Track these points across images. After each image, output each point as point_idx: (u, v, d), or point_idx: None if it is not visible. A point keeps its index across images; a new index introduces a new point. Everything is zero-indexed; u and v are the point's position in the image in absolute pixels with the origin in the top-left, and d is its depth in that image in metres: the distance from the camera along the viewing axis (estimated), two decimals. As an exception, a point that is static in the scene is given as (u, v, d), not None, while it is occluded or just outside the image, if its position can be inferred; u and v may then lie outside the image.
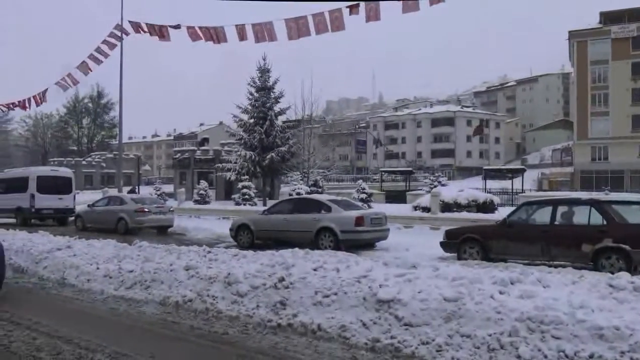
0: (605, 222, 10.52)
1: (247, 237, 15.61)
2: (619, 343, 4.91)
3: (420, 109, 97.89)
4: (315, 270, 7.63)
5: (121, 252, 10.71)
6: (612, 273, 7.86)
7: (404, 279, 6.71)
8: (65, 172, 26.36)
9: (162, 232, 19.80)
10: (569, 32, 60.73)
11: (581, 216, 11.04)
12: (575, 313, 5.34)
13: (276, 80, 35.28)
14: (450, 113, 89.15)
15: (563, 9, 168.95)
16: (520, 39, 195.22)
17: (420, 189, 32.50)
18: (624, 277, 6.29)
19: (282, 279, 7.32)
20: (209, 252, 10.10)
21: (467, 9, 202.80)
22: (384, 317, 6.13)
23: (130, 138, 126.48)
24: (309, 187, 28.75)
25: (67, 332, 6.36)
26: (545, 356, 5.01)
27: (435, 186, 29.29)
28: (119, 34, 18.18)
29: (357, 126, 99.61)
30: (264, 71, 35.19)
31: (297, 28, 9.15)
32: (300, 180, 30.84)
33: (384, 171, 51.88)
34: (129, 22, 15.76)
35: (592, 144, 59.19)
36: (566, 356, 4.94)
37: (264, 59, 34.99)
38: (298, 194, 24.63)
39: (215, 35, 10.62)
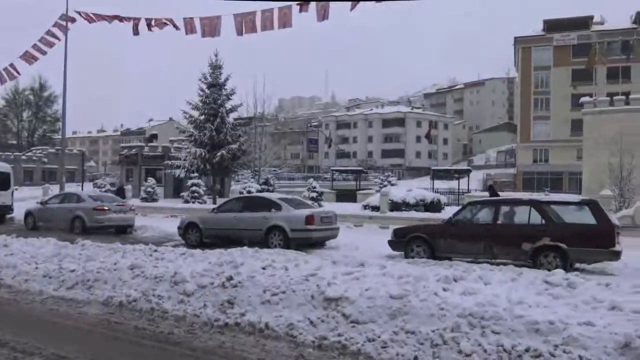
0: (543, 222, 11.00)
1: (196, 235, 15.37)
2: (553, 337, 5.15)
3: (371, 109, 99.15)
4: (264, 268, 7.62)
5: (62, 251, 10.34)
6: (550, 270, 8.25)
7: (352, 277, 6.80)
8: (3, 167, 25.11)
9: (121, 231, 18.77)
10: (515, 38, 62.99)
11: (522, 216, 11.50)
12: (513, 309, 5.56)
13: (228, 77, 34.86)
14: (400, 114, 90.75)
15: (511, 15, 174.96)
16: (470, 44, 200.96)
17: (371, 188, 32.92)
18: (559, 274, 6.60)
19: (230, 278, 7.27)
20: (156, 250, 9.90)
21: (419, 12, 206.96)
22: (331, 315, 6.19)
23: (74, 133, 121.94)
24: (260, 185, 28.60)
25: (2, 335, 6.08)
26: (485, 350, 5.20)
27: (385, 185, 29.75)
28: (64, 23, 17.53)
29: (309, 125, 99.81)
30: (215, 67, 34.67)
31: (245, 23, 9.09)
32: (251, 178, 30.64)
33: (335, 170, 52.13)
34: (75, 11, 15.25)
35: (534, 146, 61.70)
36: (504, 350, 5.14)
37: (216, 55, 34.49)
38: (249, 192, 24.47)
39: (164, 24, 10.38)
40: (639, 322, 5.13)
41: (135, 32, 11.45)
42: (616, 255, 10.51)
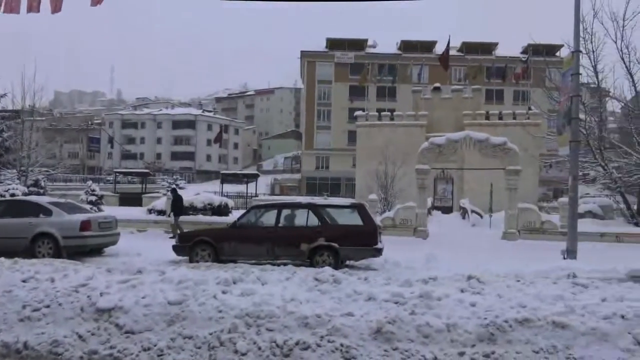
0: (320, 224, 11.96)
1: (-64, 247, 12.93)
2: (320, 329, 5.65)
3: (161, 110, 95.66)
4: (24, 281, 6.79)
5: None
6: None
7: (128, 285, 6.48)
8: None
9: None
10: (301, 52, 67.17)
11: (301, 218, 12.32)
12: (286, 306, 5.94)
13: (-12, 62, 30.18)
14: (191, 116, 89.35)
15: (300, 29, 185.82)
16: (263, 52, 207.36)
17: (158, 192, 31.72)
18: (326, 271, 7.25)
19: (-21, 295, 6.31)
20: None
21: (218, 17, 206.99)
22: (103, 327, 5.82)
23: None
24: (28, 187, 25.33)
25: None
26: (260, 348, 5.44)
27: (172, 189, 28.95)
28: None
29: (90, 122, 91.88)
30: (-29, 49, 29.69)
31: (5, 3, 7.99)
32: (17, 179, 26.90)
33: (118, 172, 48.81)
34: None
35: (317, 154, 66.70)
36: (277, 345, 5.46)
37: (-27, 35, 29.58)
38: (12, 195, 21.46)
39: None
40: (389, 310, 5.93)
41: None
42: (378, 252, 11.95)
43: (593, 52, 20.75)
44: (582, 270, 10.60)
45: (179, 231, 17.80)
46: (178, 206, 18.71)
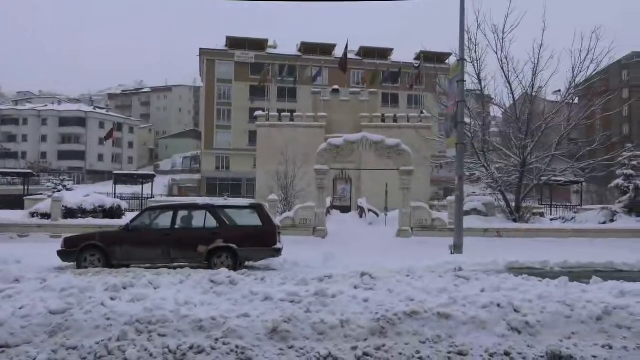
0: (218, 225, 11.78)
1: None
2: (215, 331, 5.56)
3: (46, 105, 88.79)
4: None
5: None
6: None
7: (3, 295, 5.97)
8: None
9: None
10: (200, 49, 65.61)
11: (198, 220, 12.07)
12: (180, 310, 5.78)
13: None
14: (81, 113, 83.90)
15: (199, 25, 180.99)
16: (160, 48, 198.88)
17: (42, 194, 29.41)
18: (222, 273, 7.16)
19: None
20: None
21: (110, 9, 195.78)
22: (-27, 343, 5.31)
23: None
24: None
25: None
26: (152, 354, 5.25)
27: (59, 190, 27.08)
28: None
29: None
30: None
31: None
32: None
33: (-4, 172, 44.83)
34: None
35: (217, 154, 65.51)
36: (170, 351, 5.29)
37: None
38: None
39: None
40: (285, 309, 5.97)
41: None
42: (278, 252, 12.00)
43: (477, 61, 22.37)
44: (466, 263, 11.40)
45: None
46: None
